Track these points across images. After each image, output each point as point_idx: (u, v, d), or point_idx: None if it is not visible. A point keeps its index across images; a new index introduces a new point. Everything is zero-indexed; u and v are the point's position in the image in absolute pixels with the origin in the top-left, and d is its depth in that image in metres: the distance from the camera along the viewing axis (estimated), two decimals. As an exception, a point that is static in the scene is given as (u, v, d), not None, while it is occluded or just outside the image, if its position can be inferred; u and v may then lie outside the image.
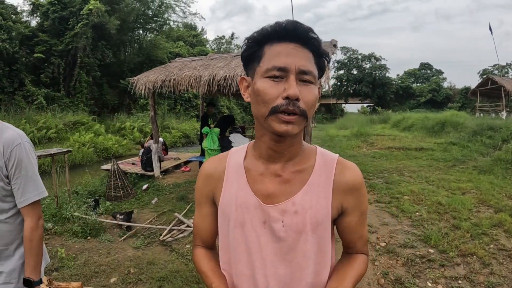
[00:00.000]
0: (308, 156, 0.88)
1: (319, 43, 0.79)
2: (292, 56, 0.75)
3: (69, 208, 4.79)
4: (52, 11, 15.43)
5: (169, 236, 4.05)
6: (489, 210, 4.82)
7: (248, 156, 0.91)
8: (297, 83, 0.74)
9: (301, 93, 0.74)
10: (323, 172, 0.86)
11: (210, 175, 0.94)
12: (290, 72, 0.74)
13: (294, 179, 0.85)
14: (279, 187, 0.84)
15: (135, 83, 6.45)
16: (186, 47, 27.40)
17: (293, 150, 0.84)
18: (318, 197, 0.84)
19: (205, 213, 0.97)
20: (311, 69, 0.77)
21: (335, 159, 0.88)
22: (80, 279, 3.13)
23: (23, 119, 12.31)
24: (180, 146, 17.41)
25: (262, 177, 0.86)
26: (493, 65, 34.57)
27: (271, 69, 0.75)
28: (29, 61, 14.72)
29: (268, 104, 0.75)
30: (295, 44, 0.76)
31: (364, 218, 0.92)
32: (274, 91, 0.74)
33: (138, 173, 7.18)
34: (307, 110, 0.76)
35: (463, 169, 7.63)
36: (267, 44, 0.78)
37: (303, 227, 0.82)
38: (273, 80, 0.75)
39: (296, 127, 0.76)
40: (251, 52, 0.81)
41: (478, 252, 3.46)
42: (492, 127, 10.48)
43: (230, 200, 0.88)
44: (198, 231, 1.01)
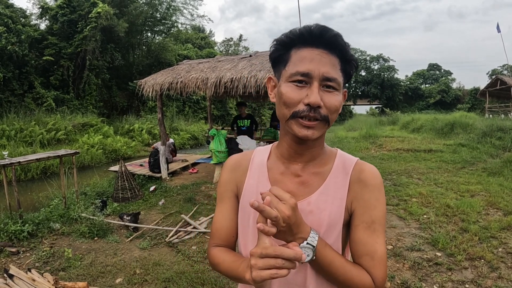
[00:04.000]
0: (328, 159, 0.89)
1: (346, 49, 0.78)
2: (317, 62, 0.76)
3: (77, 209, 4.86)
4: (61, 14, 15.66)
5: (175, 238, 4.07)
6: (498, 212, 4.74)
7: (271, 155, 0.93)
8: (320, 90, 0.76)
9: (323, 99, 0.75)
10: (340, 174, 0.86)
11: (234, 168, 0.96)
12: (313, 79, 0.75)
13: (312, 180, 0.86)
14: (298, 187, 0.86)
15: (143, 85, 6.51)
16: (194, 49, 27.54)
17: (314, 152, 0.86)
18: (334, 198, 0.84)
19: (228, 208, 0.95)
20: (335, 76, 0.77)
21: (354, 161, 0.88)
22: (86, 279, 3.17)
23: (33, 121, 12.50)
24: (189, 147, 17.49)
25: (282, 176, 0.88)
26: (502, 65, 34.09)
27: (294, 74, 0.76)
28: (38, 63, 14.95)
29: (290, 108, 0.77)
30: (322, 49, 0.77)
31: (375, 229, 0.82)
32: (297, 96, 0.76)
33: (146, 174, 7.24)
34: (329, 115, 0.77)
35: (472, 171, 7.52)
36: (294, 47, 0.79)
37: (317, 227, 0.82)
38: (297, 85, 0.76)
39: (316, 132, 0.77)
40: (278, 55, 0.82)
41: (486, 256, 3.41)
42: (501, 128, 10.30)
43: (251, 197, 0.88)
44: (218, 230, 0.95)
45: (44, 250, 3.78)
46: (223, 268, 0.88)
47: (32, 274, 3.08)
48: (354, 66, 0.82)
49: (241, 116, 7.32)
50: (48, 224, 4.50)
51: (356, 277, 0.79)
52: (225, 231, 0.94)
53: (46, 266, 3.45)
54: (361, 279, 0.79)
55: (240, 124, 7.23)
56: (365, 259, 0.81)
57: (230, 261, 0.86)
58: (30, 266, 3.38)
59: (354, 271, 0.79)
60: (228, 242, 0.94)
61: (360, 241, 0.82)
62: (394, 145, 11.62)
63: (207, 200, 5.67)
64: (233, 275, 0.83)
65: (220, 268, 0.89)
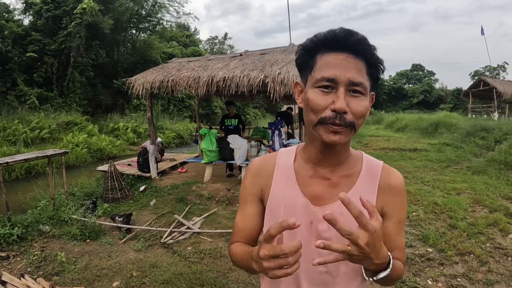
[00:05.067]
0: (356, 162, 0.91)
1: (372, 53, 0.78)
2: (342, 68, 0.75)
3: (68, 210, 4.75)
4: (45, 10, 15.22)
5: (170, 238, 4.04)
6: (484, 210, 4.91)
7: (297, 158, 0.94)
8: (346, 95, 0.76)
9: (349, 104, 0.75)
10: (369, 177, 0.89)
11: (259, 172, 0.97)
12: (339, 84, 0.75)
13: (341, 183, 0.88)
14: (327, 190, 0.88)
15: (132, 83, 6.41)
16: (179, 47, 27.27)
17: (341, 156, 0.88)
18: None
19: (251, 211, 0.97)
20: (361, 81, 0.76)
21: (381, 165, 0.92)
22: (82, 283, 3.10)
23: (16, 119, 12.12)
24: (174, 146, 17.31)
25: (311, 179, 0.90)
26: (484, 67, 35.17)
27: (320, 80, 0.77)
28: (22, 60, 14.50)
29: (317, 114, 0.78)
30: (347, 54, 0.76)
31: (401, 227, 0.92)
32: (323, 102, 0.76)
33: (135, 174, 7.14)
34: (355, 121, 0.77)
35: (457, 169, 7.75)
36: (319, 53, 0.79)
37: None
38: (323, 90, 0.77)
39: (343, 138, 0.78)
40: (303, 60, 0.83)
41: (475, 251, 3.54)
42: (485, 128, 10.64)
43: (279, 200, 0.91)
44: (240, 230, 0.98)
45: (35, 254, 3.65)
46: (237, 259, 0.91)
47: (26, 280, 2.99)
48: (380, 70, 0.82)
49: (228, 115, 7.27)
50: (38, 227, 4.35)
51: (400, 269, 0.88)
52: (247, 232, 0.97)
53: (39, 271, 3.34)
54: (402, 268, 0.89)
55: (227, 123, 7.16)
56: (396, 251, 0.89)
57: (242, 252, 0.89)
58: (22, 272, 3.27)
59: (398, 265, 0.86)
60: (247, 240, 0.97)
61: (391, 238, 0.89)
62: (380, 144, 11.84)
63: (199, 200, 5.64)
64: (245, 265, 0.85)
65: (235, 259, 0.93)
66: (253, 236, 0.98)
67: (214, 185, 6.13)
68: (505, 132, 9.46)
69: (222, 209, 5.27)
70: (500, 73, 34.87)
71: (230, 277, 3.13)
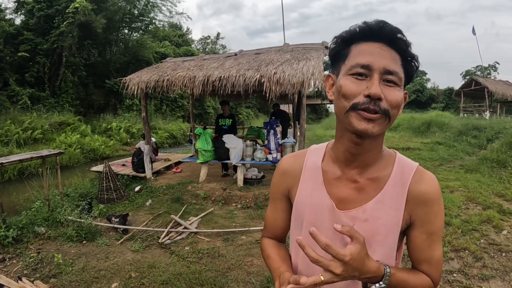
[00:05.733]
0: (387, 164, 0.86)
1: (407, 45, 0.77)
2: (376, 55, 0.75)
3: (63, 211, 4.70)
4: (38, 9, 15.02)
5: (167, 239, 4.03)
6: (478, 207, 4.98)
7: (326, 157, 0.91)
8: (380, 83, 0.74)
9: (384, 92, 0.73)
10: (399, 182, 0.83)
11: (286, 172, 0.97)
12: (373, 71, 0.74)
13: (369, 186, 0.84)
14: (353, 193, 0.85)
15: (127, 83, 6.37)
16: (172, 47, 27.13)
17: (371, 155, 0.83)
18: (390, 208, 0.82)
19: (279, 208, 1.00)
20: (396, 70, 0.75)
21: (414, 168, 0.85)
22: (80, 285, 3.08)
23: (8, 120, 11.96)
24: (167, 146, 17.24)
25: (338, 181, 0.86)
26: (475, 67, 35.59)
27: (354, 66, 0.75)
28: (13, 60, 14.28)
29: (349, 100, 0.75)
30: (382, 43, 0.76)
31: (433, 239, 0.84)
32: (356, 88, 0.74)
33: (130, 174, 7.10)
34: (390, 110, 0.74)
35: (450, 168, 7.85)
36: (354, 43, 0.78)
37: (371, 236, 0.81)
38: (357, 77, 0.75)
39: (377, 127, 0.74)
40: (338, 50, 0.81)
41: (470, 247, 3.60)
42: (477, 127, 10.79)
43: (305, 199, 0.90)
44: (270, 225, 1.04)
45: (31, 256, 3.60)
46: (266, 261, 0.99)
47: (24, 283, 2.95)
48: (415, 66, 0.80)
49: (223, 115, 7.26)
50: (33, 228, 4.30)
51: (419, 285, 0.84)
52: (275, 227, 1.03)
53: (36, 273, 3.30)
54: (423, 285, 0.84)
55: (221, 123, 7.12)
56: (424, 264, 0.85)
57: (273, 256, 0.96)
58: (18, 274, 3.23)
59: (418, 281, 0.84)
60: (276, 236, 1.04)
61: (419, 250, 0.85)
62: (374, 143, 11.93)
63: (195, 199, 5.63)
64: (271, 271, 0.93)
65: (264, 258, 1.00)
66: (281, 232, 1.02)
67: (209, 185, 6.12)
68: (496, 131, 9.59)
69: (218, 209, 5.27)
70: (491, 72, 35.33)
71: (229, 276, 3.13)
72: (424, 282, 0.85)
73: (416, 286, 0.83)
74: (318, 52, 5.84)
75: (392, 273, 0.78)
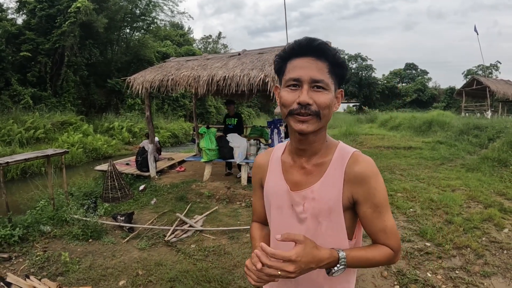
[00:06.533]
0: (329, 151, 1.02)
1: (332, 55, 0.92)
2: (306, 69, 0.91)
3: (69, 210, 4.74)
4: (39, 8, 15.02)
5: (173, 237, 4.08)
6: (479, 205, 5.03)
7: (285, 151, 1.11)
8: (310, 90, 0.91)
9: (313, 97, 0.90)
10: (338, 165, 0.98)
11: (259, 165, 1.19)
12: (303, 82, 0.91)
13: (315, 170, 1.01)
14: (303, 177, 1.02)
15: (132, 82, 6.41)
16: (173, 47, 27.16)
17: (315, 146, 1.00)
18: (332, 187, 0.97)
19: (258, 196, 1.21)
20: (322, 78, 0.91)
21: (350, 153, 1.00)
22: (88, 283, 3.10)
23: (10, 119, 12.00)
24: (169, 146, 17.28)
25: (292, 168, 1.05)
26: (477, 66, 35.50)
27: (288, 80, 0.94)
28: (15, 59, 14.32)
29: (286, 107, 0.93)
30: (310, 57, 0.92)
31: (382, 211, 0.96)
32: (291, 97, 0.92)
33: (134, 173, 7.15)
34: (320, 111, 0.91)
35: (451, 167, 7.89)
36: (289, 59, 0.96)
37: (318, 212, 0.98)
38: (291, 88, 0.93)
39: (310, 126, 0.92)
40: (279, 67, 0.99)
41: (471, 245, 3.65)
42: (478, 126, 10.82)
43: (271, 186, 1.10)
44: (255, 210, 1.25)
45: (37, 254, 3.63)
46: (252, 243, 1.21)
47: (32, 281, 2.96)
48: (344, 68, 0.96)
49: (229, 114, 7.32)
50: (38, 227, 4.32)
51: (378, 256, 0.97)
52: (258, 212, 1.23)
53: (42, 272, 3.32)
54: (382, 255, 0.97)
55: (228, 122, 7.22)
56: (380, 234, 0.98)
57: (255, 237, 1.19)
58: (25, 273, 3.25)
59: (376, 253, 0.97)
60: (261, 218, 1.23)
61: (370, 223, 0.98)
62: (375, 143, 11.96)
63: (199, 198, 5.68)
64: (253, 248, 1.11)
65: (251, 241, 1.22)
66: (264, 215, 1.20)
67: (213, 184, 6.17)
68: (498, 130, 9.62)
69: (222, 207, 5.31)
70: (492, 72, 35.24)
71: (236, 274, 3.18)
72: (384, 252, 0.97)
73: (376, 257, 0.96)
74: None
75: (347, 254, 0.91)
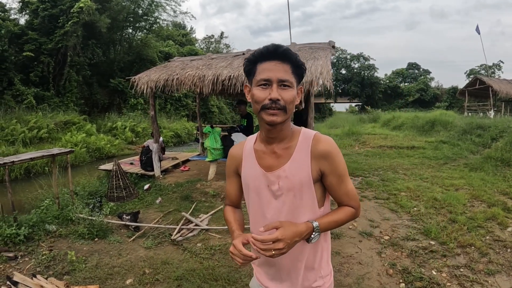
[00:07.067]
0: (294, 136, 1.20)
1: (294, 58, 1.11)
2: (274, 70, 1.09)
3: (75, 209, 4.77)
4: (42, 9, 15.10)
5: (179, 236, 4.10)
6: (482, 205, 5.03)
7: (257, 141, 1.28)
8: (278, 88, 1.09)
9: (281, 94, 1.08)
10: (304, 146, 1.17)
11: (233, 156, 1.35)
12: (272, 82, 1.09)
13: (284, 153, 1.19)
14: (275, 161, 1.20)
15: (136, 82, 6.44)
16: (175, 47, 27.24)
17: (282, 134, 1.18)
18: (301, 165, 1.16)
19: (233, 182, 1.39)
20: (287, 78, 1.10)
21: (312, 135, 1.19)
22: (95, 282, 3.11)
23: (14, 119, 12.08)
24: (172, 145, 17.34)
25: (264, 154, 1.22)
26: (479, 65, 35.37)
27: (259, 81, 1.11)
28: (18, 59, 14.40)
29: (259, 104, 1.10)
30: (276, 61, 1.10)
31: (343, 179, 1.19)
32: (263, 95, 1.09)
33: (138, 173, 7.18)
34: (287, 106, 1.09)
35: (454, 166, 7.89)
36: (258, 62, 1.12)
37: (292, 187, 1.16)
38: (262, 87, 1.10)
39: (279, 118, 1.09)
40: (249, 68, 1.16)
41: (475, 243, 3.66)
42: (481, 126, 10.81)
43: (247, 172, 1.27)
44: (228, 195, 1.43)
45: (43, 253, 3.63)
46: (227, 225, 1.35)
47: (39, 280, 2.96)
48: (303, 69, 1.15)
49: (242, 115, 7.36)
50: (44, 226, 4.34)
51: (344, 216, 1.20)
52: (232, 196, 1.41)
53: (49, 271, 3.33)
54: (347, 214, 1.21)
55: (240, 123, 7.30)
56: (344, 197, 1.22)
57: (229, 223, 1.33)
58: (31, 272, 3.26)
59: (342, 215, 1.20)
60: (233, 202, 1.42)
61: (336, 190, 1.20)
62: (377, 142, 11.95)
63: (204, 197, 5.71)
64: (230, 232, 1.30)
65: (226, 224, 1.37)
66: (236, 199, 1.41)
67: (218, 183, 6.20)
68: (501, 130, 9.61)
69: (227, 207, 5.32)
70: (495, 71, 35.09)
71: (242, 272, 3.20)
72: (347, 211, 1.22)
73: (342, 217, 1.20)
74: (325, 51, 5.90)
75: (320, 222, 1.14)
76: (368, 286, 2.97)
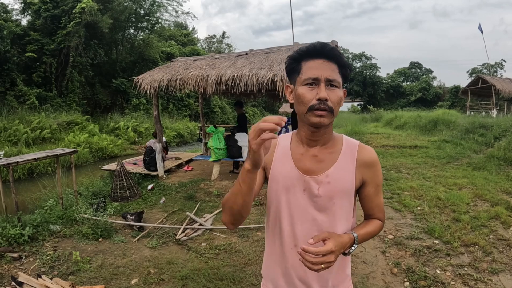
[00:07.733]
0: (338, 142, 1.16)
1: (341, 58, 1.06)
2: (321, 69, 1.03)
3: (79, 209, 4.78)
4: (44, 9, 15.15)
5: (184, 235, 4.12)
6: (486, 204, 5.03)
7: (293, 141, 1.20)
8: (326, 88, 1.02)
9: (329, 95, 1.02)
10: (349, 153, 1.14)
11: None
12: (320, 81, 1.02)
13: (327, 158, 1.13)
14: (315, 164, 1.13)
15: (140, 82, 6.46)
16: (177, 47, 27.27)
17: (326, 137, 1.13)
18: (346, 171, 1.12)
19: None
20: (335, 78, 1.04)
21: (357, 144, 1.17)
22: (100, 282, 3.12)
23: (16, 120, 12.12)
24: (175, 145, 17.36)
25: (302, 156, 1.15)
26: (482, 64, 35.27)
27: (307, 79, 1.04)
28: (20, 60, 14.45)
29: (306, 104, 1.03)
30: (323, 59, 1.04)
31: (379, 189, 1.18)
32: (310, 95, 1.03)
33: (142, 173, 7.20)
34: (334, 107, 1.04)
35: (457, 166, 7.88)
36: (303, 60, 1.07)
37: (333, 193, 1.11)
38: (309, 87, 1.04)
39: (326, 120, 1.03)
40: (292, 67, 1.10)
41: (479, 242, 3.67)
42: (483, 125, 10.78)
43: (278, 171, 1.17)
44: None
45: (48, 254, 3.64)
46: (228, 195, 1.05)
47: (44, 281, 2.96)
48: (349, 69, 1.09)
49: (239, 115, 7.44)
50: (48, 226, 4.35)
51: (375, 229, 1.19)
52: None
53: (53, 271, 3.33)
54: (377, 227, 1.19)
55: None
56: (375, 209, 1.20)
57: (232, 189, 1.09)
58: (36, 272, 3.27)
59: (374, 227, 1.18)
60: None
61: (371, 199, 1.19)
62: (380, 142, 11.93)
63: (208, 197, 5.72)
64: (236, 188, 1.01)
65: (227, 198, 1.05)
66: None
67: (221, 183, 6.21)
68: (503, 129, 9.59)
69: (230, 206, 5.33)
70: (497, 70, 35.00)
71: (247, 271, 3.21)
72: (377, 224, 1.20)
73: (374, 230, 1.18)
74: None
75: (358, 234, 1.10)
76: (372, 285, 2.98)
